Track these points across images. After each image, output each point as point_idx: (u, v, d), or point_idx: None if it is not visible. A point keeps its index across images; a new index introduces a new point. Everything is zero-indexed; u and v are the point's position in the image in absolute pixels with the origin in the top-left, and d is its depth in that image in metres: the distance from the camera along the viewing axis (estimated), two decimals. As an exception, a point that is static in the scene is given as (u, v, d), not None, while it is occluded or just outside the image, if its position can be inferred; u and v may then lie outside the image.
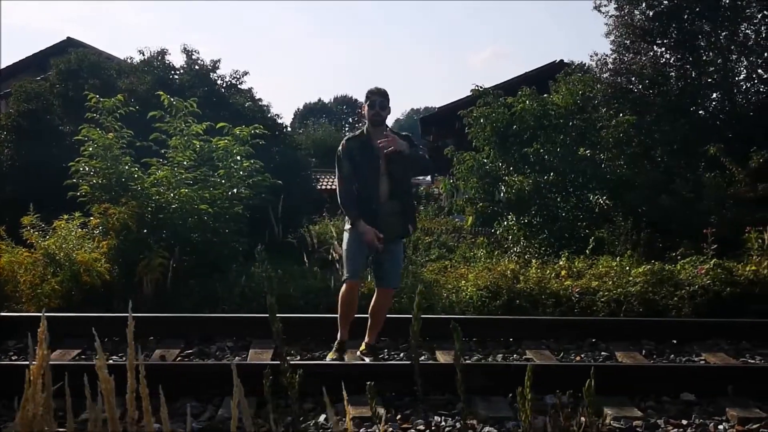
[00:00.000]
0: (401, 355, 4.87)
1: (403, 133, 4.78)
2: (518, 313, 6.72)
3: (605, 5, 14.56)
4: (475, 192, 11.63)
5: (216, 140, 8.12)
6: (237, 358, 4.57)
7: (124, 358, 4.45)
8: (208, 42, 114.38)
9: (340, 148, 4.79)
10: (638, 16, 14.10)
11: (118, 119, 8.03)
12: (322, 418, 3.43)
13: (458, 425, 3.34)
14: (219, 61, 13.68)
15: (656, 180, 10.77)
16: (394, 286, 4.78)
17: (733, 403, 3.54)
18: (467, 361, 4.66)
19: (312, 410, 3.55)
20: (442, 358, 4.67)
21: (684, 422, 3.35)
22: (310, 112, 66.68)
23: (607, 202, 11.19)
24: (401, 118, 72.37)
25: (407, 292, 6.95)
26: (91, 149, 7.61)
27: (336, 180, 4.81)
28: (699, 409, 3.55)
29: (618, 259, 8.14)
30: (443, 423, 3.40)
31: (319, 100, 72.34)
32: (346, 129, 56.78)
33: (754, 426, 3.30)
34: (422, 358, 4.72)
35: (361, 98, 4.93)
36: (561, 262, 8.21)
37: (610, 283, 7.14)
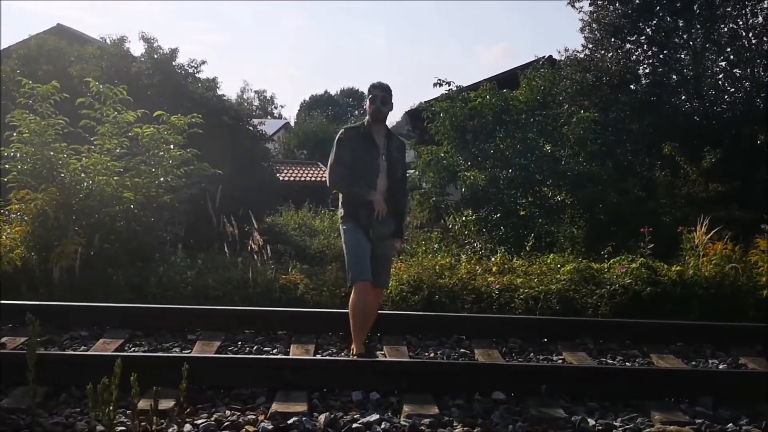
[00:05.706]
0: (275, 350, 4.80)
1: (401, 138, 4.92)
2: (438, 309, 6.61)
3: (579, 1, 14.41)
4: (432, 186, 11.53)
5: (144, 128, 8.00)
6: (83, 347, 4.49)
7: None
8: (215, 31, 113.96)
9: (340, 135, 4.69)
10: (612, 12, 13.91)
11: (51, 105, 7.95)
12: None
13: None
14: (177, 49, 13.61)
15: (609, 177, 10.63)
16: (386, 285, 4.64)
17: (540, 403, 3.41)
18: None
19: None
20: (296, 351, 4.64)
21: (479, 421, 3.20)
22: (316, 104, 65.98)
23: (565, 199, 11.04)
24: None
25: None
26: (17, 135, 7.54)
27: (327, 167, 4.69)
28: (504, 408, 3.40)
29: (552, 255, 8.01)
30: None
31: (326, 91, 71.50)
32: (351, 121, 56.28)
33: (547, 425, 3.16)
34: (274, 351, 4.69)
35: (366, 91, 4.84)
36: (494, 259, 8.08)
37: (536, 280, 7.02)
